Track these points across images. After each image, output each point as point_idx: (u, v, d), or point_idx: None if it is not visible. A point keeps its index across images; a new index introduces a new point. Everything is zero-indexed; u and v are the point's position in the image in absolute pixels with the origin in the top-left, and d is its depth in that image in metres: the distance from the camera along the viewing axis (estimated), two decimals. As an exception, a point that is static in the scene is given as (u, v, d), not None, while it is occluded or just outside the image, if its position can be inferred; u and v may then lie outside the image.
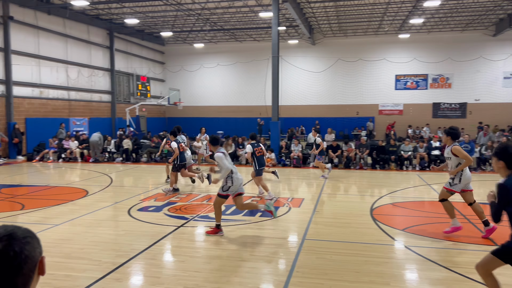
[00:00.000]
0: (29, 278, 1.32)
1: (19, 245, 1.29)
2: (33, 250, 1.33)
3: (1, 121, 19.69)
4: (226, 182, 7.25)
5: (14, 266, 1.26)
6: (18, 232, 1.31)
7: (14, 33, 20.17)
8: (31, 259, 1.31)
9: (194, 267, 5.64)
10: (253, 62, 32.20)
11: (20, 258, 1.27)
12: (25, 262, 1.29)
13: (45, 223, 8.06)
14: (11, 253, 1.26)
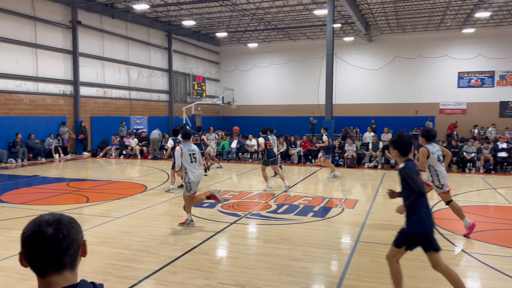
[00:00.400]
0: (75, 258, 1.48)
1: (66, 229, 1.45)
2: (77, 233, 1.49)
3: (69, 119, 21.09)
4: (186, 180, 7.68)
5: (63, 247, 1.42)
6: (64, 218, 1.48)
7: (82, 37, 21.52)
8: (76, 241, 1.47)
9: (246, 264, 5.68)
10: (307, 61, 31.92)
11: (68, 240, 1.43)
12: (72, 244, 1.45)
13: (107, 215, 8.51)
14: (60, 236, 1.42)
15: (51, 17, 19.88)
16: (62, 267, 1.43)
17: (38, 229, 1.41)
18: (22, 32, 18.43)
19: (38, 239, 1.40)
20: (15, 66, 18.16)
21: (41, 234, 1.40)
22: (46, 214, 1.48)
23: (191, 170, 7.64)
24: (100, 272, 5.37)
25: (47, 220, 1.44)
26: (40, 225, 1.42)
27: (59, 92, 20.59)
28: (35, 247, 1.40)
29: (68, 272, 1.45)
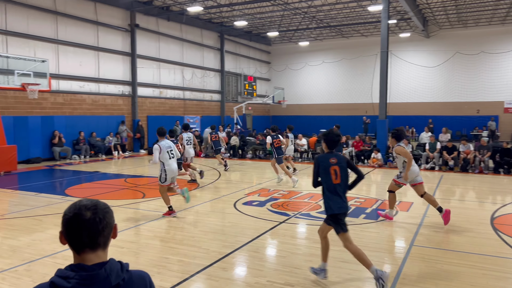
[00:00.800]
0: (107, 239, 1.67)
1: (102, 213, 1.64)
2: (111, 218, 1.68)
3: (127, 118, 22.13)
4: (161, 173, 8.23)
5: (99, 229, 1.61)
6: (100, 204, 1.67)
7: (139, 39, 22.49)
8: (109, 225, 1.66)
9: (295, 264, 5.66)
10: (360, 58, 31.17)
11: (103, 223, 1.63)
12: (106, 227, 1.64)
13: (161, 211, 8.79)
14: (97, 219, 1.61)
15: (111, 21, 20.95)
16: (96, 246, 1.62)
17: (78, 212, 1.60)
18: (86, 36, 19.58)
19: (78, 221, 1.59)
20: (79, 68, 19.35)
21: (81, 217, 1.59)
22: (85, 200, 1.67)
23: (168, 164, 8.24)
24: (154, 265, 5.57)
25: (86, 205, 1.62)
26: (80, 208, 1.61)
27: (118, 92, 21.67)
28: (74, 228, 1.59)
29: (101, 251, 1.64)
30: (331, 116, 33.57)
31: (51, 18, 17.95)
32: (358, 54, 31.40)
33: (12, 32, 16.34)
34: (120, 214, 8.60)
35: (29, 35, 16.95)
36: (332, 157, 5.02)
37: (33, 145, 16.95)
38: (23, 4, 16.75)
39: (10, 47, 16.18)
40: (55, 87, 17.78)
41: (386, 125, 18.25)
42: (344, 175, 5.04)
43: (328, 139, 5.09)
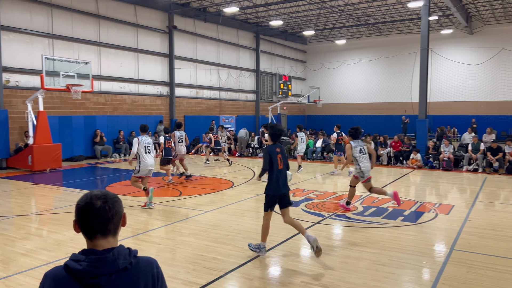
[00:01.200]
0: (117, 227, 1.79)
1: (111, 202, 1.76)
2: (120, 207, 1.80)
3: (165, 118, 22.65)
4: (137, 165, 9.04)
5: (109, 217, 1.74)
6: (109, 194, 1.79)
7: (177, 41, 22.96)
8: (118, 213, 1.78)
9: (329, 265, 5.60)
10: (399, 56, 30.34)
11: (112, 211, 1.75)
12: (115, 215, 1.76)
13: (197, 209, 8.97)
14: (107, 208, 1.73)
15: (150, 23, 21.51)
16: (107, 233, 1.74)
17: (90, 201, 1.72)
18: (126, 38, 20.22)
19: (89, 210, 1.71)
20: (119, 70, 20.00)
21: (92, 206, 1.71)
22: (95, 190, 1.79)
23: (144, 158, 9.06)
24: (190, 262, 5.66)
25: (96, 195, 1.75)
26: (91, 198, 1.73)
27: (157, 93, 22.21)
28: (86, 216, 1.72)
29: (111, 237, 1.76)
30: (368, 116, 32.91)
31: (93, 22, 18.67)
32: (397, 52, 30.58)
33: (58, 35, 17.14)
34: (157, 212, 8.82)
35: (73, 38, 17.71)
36: (277, 147, 6.08)
37: (76, 144, 17.70)
38: (68, 8, 17.51)
39: (56, 50, 16.98)
40: (97, 88, 18.47)
41: (426, 125, 17.67)
42: (285, 161, 6.18)
43: (272, 132, 6.09)
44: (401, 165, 16.66)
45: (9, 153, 15.22)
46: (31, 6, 16.24)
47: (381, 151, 17.26)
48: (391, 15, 26.71)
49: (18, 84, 15.99)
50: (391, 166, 16.74)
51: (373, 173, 14.39)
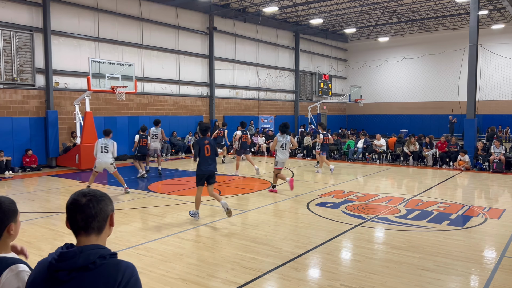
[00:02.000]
0: (102, 225, 1.79)
1: (96, 200, 1.78)
2: (106, 206, 1.80)
3: (205, 119, 22.97)
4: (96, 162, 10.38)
5: (92, 214, 1.75)
6: (97, 193, 1.81)
7: (217, 41, 23.23)
8: (104, 211, 1.79)
9: (370, 269, 5.45)
10: (445, 53, 29.09)
11: (96, 209, 1.76)
12: (100, 213, 1.77)
13: (236, 208, 9.00)
14: (91, 205, 1.76)
15: (191, 25, 21.90)
16: (90, 230, 1.76)
17: (76, 198, 1.77)
18: (168, 40, 20.70)
19: (74, 206, 1.76)
20: (161, 71, 20.51)
21: (77, 202, 1.76)
22: (86, 189, 1.84)
23: (99, 157, 10.51)
24: (228, 261, 5.69)
25: (83, 192, 1.80)
26: (78, 195, 1.78)
27: (197, 93, 22.58)
28: (72, 212, 1.76)
29: (94, 235, 1.77)
30: (412, 115, 31.84)
31: (137, 25, 19.25)
32: (443, 49, 29.32)
33: (104, 38, 17.82)
34: (197, 210, 8.93)
35: (117, 41, 18.36)
36: (205, 140, 8.09)
37: (120, 143, 18.21)
38: (113, 12, 18.17)
39: (101, 53, 17.67)
40: (140, 89, 19.03)
41: (475, 125, 16.83)
42: (213, 151, 8.08)
43: (200, 128, 8.42)
44: (448, 167, 15.97)
45: (58, 152, 16.00)
46: (79, 11, 16.99)
47: (426, 152, 16.61)
48: (437, 11, 25.68)
49: (66, 86, 16.78)
50: (437, 167, 16.08)
51: (417, 175, 14.07)
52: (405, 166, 16.60)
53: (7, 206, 2.02)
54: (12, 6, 14.95)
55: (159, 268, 5.43)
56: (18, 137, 15.02)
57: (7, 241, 2.03)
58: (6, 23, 14.73)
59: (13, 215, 2.04)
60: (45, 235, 7.06)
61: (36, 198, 10.20)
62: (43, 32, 15.66)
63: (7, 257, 1.98)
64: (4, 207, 2.01)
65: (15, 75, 14.97)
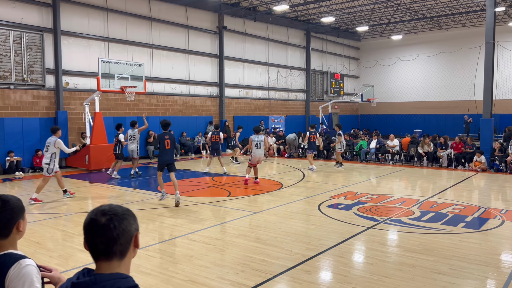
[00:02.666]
0: (125, 248, 1.57)
1: (118, 220, 1.55)
2: (129, 225, 1.58)
3: (215, 119, 22.88)
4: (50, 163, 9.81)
5: (114, 236, 1.53)
6: (118, 210, 1.58)
7: (227, 41, 23.12)
8: (127, 232, 1.56)
9: (383, 272, 5.32)
10: (461, 51, 28.50)
11: (118, 230, 1.54)
12: (122, 234, 1.55)
13: (246, 209, 8.92)
14: (112, 226, 1.53)
15: (201, 24, 21.83)
16: (111, 255, 1.54)
17: (94, 218, 1.55)
18: (177, 40, 20.65)
19: (93, 227, 1.54)
20: (171, 71, 20.47)
21: (95, 222, 1.54)
22: (105, 205, 1.61)
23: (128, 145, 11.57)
24: (238, 263, 5.62)
25: (103, 210, 1.57)
26: (96, 214, 1.56)
27: (207, 93, 22.51)
28: (90, 234, 1.55)
29: (116, 261, 1.55)
30: (426, 115, 31.31)
31: (146, 24, 19.24)
32: (459, 47, 28.74)
33: (113, 38, 17.83)
34: (206, 212, 8.87)
35: (127, 41, 18.36)
36: (165, 135, 9.42)
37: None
38: (123, 12, 18.17)
39: (111, 53, 17.68)
40: (149, 89, 19.01)
41: (491, 125, 16.41)
42: (172, 144, 9.51)
43: (161, 124, 9.60)
44: (463, 168, 15.60)
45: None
46: (89, 11, 17.03)
47: (441, 152, 16.26)
48: (452, 8, 25.19)
49: (76, 86, 16.83)
50: (452, 168, 15.72)
51: (432, 176, 13.77)
52: (419, 167, 16.28)
53: (15, 203, 2.04)
54: (22, 6, 15.03)
55: (168, 270, 5.38)
56: (28, 138, 15.09)
57: (16, 238, 2.06)
58: (17, 23, 14.82)
59: (21, 212, 2.06)
60: (55, 236, 7.07)
61: (46, 199, 10.20)
62: (53, 33, 15.72)
63: (16, 253, 2.00)
64: (12, 205, 2.02)
65: (26, 76, 15.06)
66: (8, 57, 14.62)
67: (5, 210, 1.99)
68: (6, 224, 2.00)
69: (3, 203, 2.00)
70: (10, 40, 14.63)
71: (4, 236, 2.01)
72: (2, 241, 2.00)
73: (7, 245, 2.01)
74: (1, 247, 2.00)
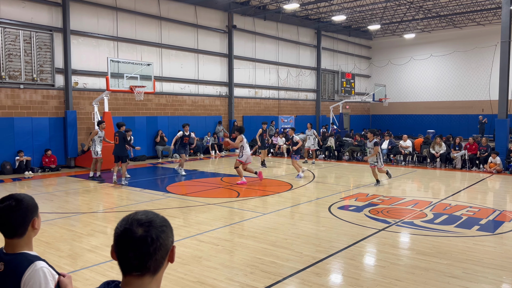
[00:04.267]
0: (160, 264, 1.42)
1: (156, 232, 1.39)
2: (167, 238, 1.43)
3: (224, 119, 22.79)
4: None
5: (150, 251, 1.37)
6: (156, 220, 1.41)
7: (236, 40, 23.01)
8: (164, 247, 1.41)
9: (395, 275, 5.21)
10: (475, 50, 28.01)
11: (155, 245, 1.38)
12: (159, 249, 1.39)
13: (255, 211, 8.80)
14: (149, 239, 1.37)
15: (210, 23, 21.75)
16: (144, 271, 1.39)
17: (129, 228, 1.38)
18: (186, 39, 20.59)
19: (127, 239, 1.37)
20: (180, 71, 20.42)
21: (131, 234, 1.37)
22: (141, 212, 1.44)
23: None
24: (247, 265, 5.57)
25: (139, 219, 1.40)
26: (132, 223, 1.39)
27: (216, 93, 22.42)
28: (122, 246, 1.38)
29: (149, 277, 1.40)
30: (440, 115, 30.83)
31: (155, 23, 19.21)
32: (473, 46, 28.27)
33: (122, 38, 17.83)
34: (215, 212, 8.78)
35: (136, 40, 18.35)
36: (116, 132, 11.75)
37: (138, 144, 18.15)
38: (132, 11, 18.16)
39: (120, 52, 17.67)
40: (158, 89, 18.99)
41: (507, 125, 16.01)
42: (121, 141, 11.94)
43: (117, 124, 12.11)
44: (478, 170, 15.26)
45: (77, 152, 16.06)
46: (98, 10, 17.05)
47: (455, 153, 15.91)
48: (466, 6, 24.76)
49: (85, 86, 16.86)
50: (466, 170, 15.38)
51: (445, 178, 13.49)
52: (432, 168, 15.97)
53: (29, 201, 2.05)
54: (32, 6, 15.09)
55: (177, 271, 5.31)
56: (37, 137, 15.14)
57: (31, 235, 2.08)
58: (27, 23, 14.88)
59: (35, 209, 2.08)
60: (64, 236, 7.06)
61: (55, 199, 10.21)
62: (62, 32, 15.76)
63: (30, 254, 2.02)
64: (27, 203, 2.03)
65: (35, 75, 15.11)
66: (18, 56, 14.69)
67: (20, 209, 2.01)
68: (22, 223, 2.01)
69: (17, 202, 2.01)
70: (20, 39, 14.70)
71: (20, 235, 2.02)
72: (17, 239, 2.02)
73: (22, 244, 2.03)
74: (16, 246, 2.02)
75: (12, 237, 2.01)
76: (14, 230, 2.00)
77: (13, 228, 1.99)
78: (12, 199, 2.02)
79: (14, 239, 2.01)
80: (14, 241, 2.01)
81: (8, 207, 1.99)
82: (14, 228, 1.99)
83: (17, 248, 2.01)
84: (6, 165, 14.07)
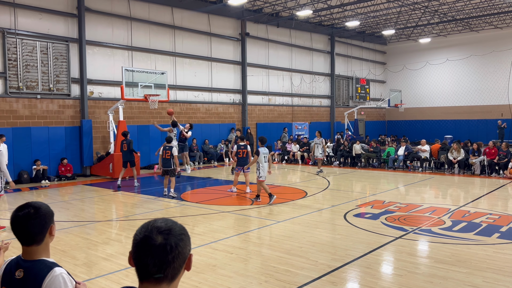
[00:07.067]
0: (177, 272, 1.43)
1: (175, 240, 1.41)
2: (185, 247, 1.44)
3: (237, 126, 22.77)
4: None
5: (168, 259, 1.39)
6: (176, 228, 1.44)
7: (249, 47, 23.06)
8: (182, 255, 1.43)
9: (413, 284, 5.10)
10: (493, 54, 27.49)
11: (174, 253, 1.40)
12: (177, 257, 1.41)
13: (270, 218, 8.74)
14: (168, 247, 1.39)
15: (223, 31, 21.86)
16: (162, 279, 1.41)
17: (149, 235, 1.40)
18: (200, 48, 20.72)
19: (146, 246, 1.40)
20: (194, 79, 20.53)
21: (150, 241, 1.40)
22: (160, 220, 1.46)
23: None
24: (262, 273, 5.52)
25: (159, 227, 1.42)
26: (151, 230, 1.41)
27: (229, 101, 22.45)
28: (141, 253, 1.40)
29: (165, 284, 1.42)
30: (457, 120, 30.27)
31: (169, 32, 19.39)
32: (491, 49, 27.75)
33: (136, 47, 18.04)
34: (229, 220, 8.73)
35: (150, 49, 18.53)
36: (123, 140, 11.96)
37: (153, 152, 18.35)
38: (146, 20, 18.37)
39: (134, 62, 17.87)
40: (172, 97, 19.07)
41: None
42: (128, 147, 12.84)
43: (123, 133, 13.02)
44: (497, 176, 14.86)
45: (92, 161, 16.22)
46: (113, 20, 17.29)
47: (473, 159, 15.55)
48: (483, 9, 24.36)
49: (100, 95, 17.07)
50: (485, 176, 15.00)
51: (464, 184, 13.19)
52: (450, 174, 15.63)
53: (46, 209, 2.12)
54: (49, 17, 15.39)
55: (191, 279, 5.27)
56: (54, 146, 15.34)
57: (48, 242, 2.14)
58: (43, 34, 15.17)
59: (52, 216, 2.15)
60: (80, 244, 7.10)
61: (71, 207, 10.30)
62: (78, 42, 16.01)
63: (49, 261, 2.07)
64: (44, 211, 2.10)
65: (52, 85, 15.37)
66: (35, 67, 14.97)
67: (39, 217, 2.07)
68: (40, 230, 2.07)
69: (36, 210, 2.07)
70: (37, 50, 14.99)
71: (38, 242, 2.07)
72: (36, 247, 2.07)
73: (41, 251, 2.09)
74: (35, 253, 2.07)
75: (31, 244, 2.06)
76: (32, 238, 2.05)
77: (32, 235, 2.05)
78: (31, 207, 2.07)
79: (32, 246, 2.06)
80: (33, 248, 2.07)
81: (27, 215, 2.04)
82: (32, 236, 2.05)
83: (36, 255, 2.06)
84: (24, 174, 14.29)
